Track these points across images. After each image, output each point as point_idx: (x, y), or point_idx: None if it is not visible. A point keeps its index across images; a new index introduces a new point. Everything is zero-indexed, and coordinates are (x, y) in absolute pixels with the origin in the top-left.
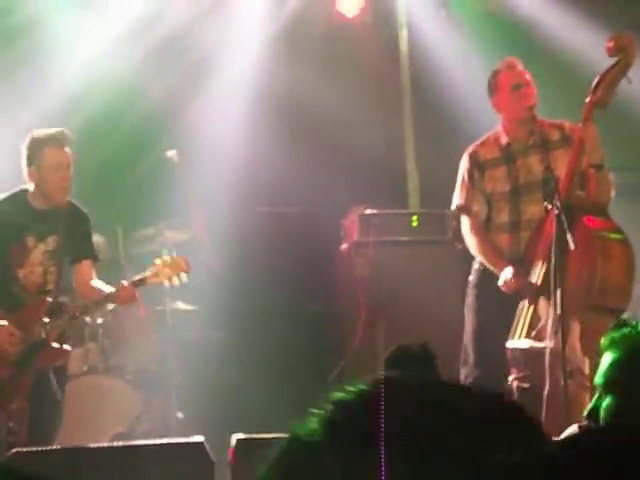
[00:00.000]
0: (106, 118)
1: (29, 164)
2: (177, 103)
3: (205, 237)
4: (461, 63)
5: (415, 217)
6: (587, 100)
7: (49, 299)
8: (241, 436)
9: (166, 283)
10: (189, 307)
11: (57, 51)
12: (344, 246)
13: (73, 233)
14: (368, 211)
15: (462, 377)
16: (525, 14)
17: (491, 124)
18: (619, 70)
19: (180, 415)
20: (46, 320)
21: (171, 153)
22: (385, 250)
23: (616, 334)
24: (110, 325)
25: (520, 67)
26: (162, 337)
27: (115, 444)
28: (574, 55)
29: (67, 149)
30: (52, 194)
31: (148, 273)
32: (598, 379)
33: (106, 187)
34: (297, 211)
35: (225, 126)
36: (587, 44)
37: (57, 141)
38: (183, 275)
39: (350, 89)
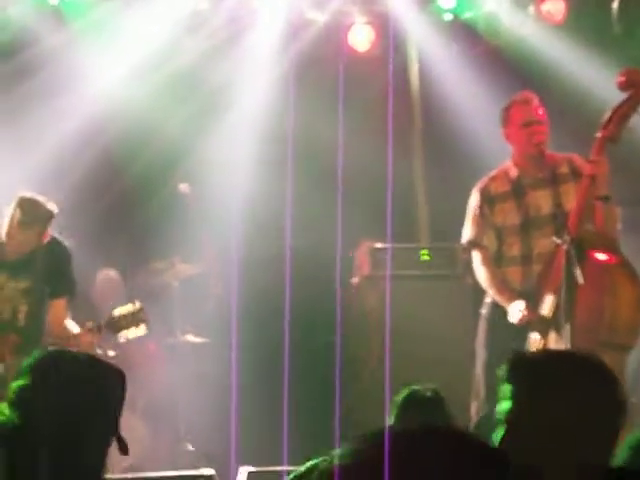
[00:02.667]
0: (120, 152)
1: (10, 213)
2: (190, 137)
3: (216, 270)
4: (472, 97)
5: (425, 251)
6: (598, 135)
7: (15, 336)
8: (251, 469)
9: (122, 334)
10: (199, 340)
11: (72, 85)
12: (355, 280)
13: (50, 270)
14: (379, 245)
15: (472, 412)
16: (535, 49)
17: (501, 157)
18: (630, 105)
19: (190, 447)
20: (10, 358)
21: (184, 186)
22: (396, 284)
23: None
24: (120, 358)
25: (535, 102)
26: (172, 370)
27: (125, 476)
28: (585, 89)
29: (36, 229)
30: (6, 251)
31: (104, 322)
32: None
33: (120, 219)
34: (307, 244)
35: (236, 160)
36: (598, 79)
37: (28, 221)
38: (142, 327)
39: (360, 123)
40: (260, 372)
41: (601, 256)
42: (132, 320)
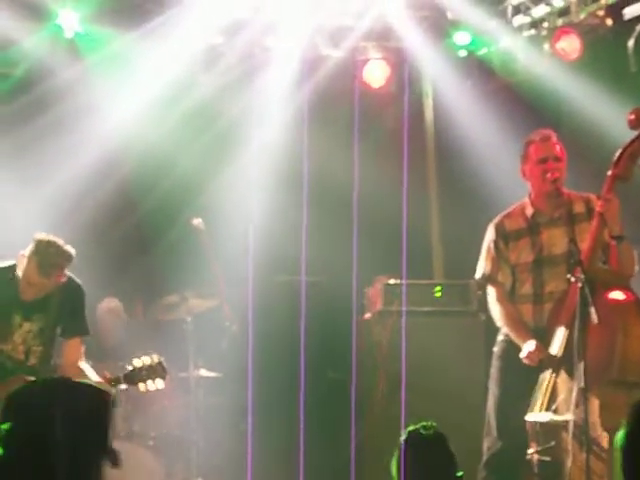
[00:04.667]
0: (135, 186)
1: (27, 257)
2: (205, 172)
3: (227, 305)
4: (486, 134)
5: (439, 287)
6: (609, 173)
7: (27, 377)
8: None
9: (141, 387)
10: (212, 374)
11: (87, 119)
12: (367, 315)
13: (64, 309)
14: (392, 281)
15: (484, 448)
16: (550, 86)
17: (516, 194)
18: None
19: None
20: None
21: (197, 221)
22: (409, 320)
23: None
24: (133, 391)
25: (554, 140)
26: (184, 403)
27: None
28: (600, 127)
29: (53, 278)
30: (22, 293)
31: (124, 373)
32: None
33: (134, 253)
34: (320, 280)
35: (250, 194)
36: (613, 116)
37: (46, 269)
38: (160, 381)
39: (375, 158)
40: (271, 407)
41: (613, 294)
42: (151, 373)
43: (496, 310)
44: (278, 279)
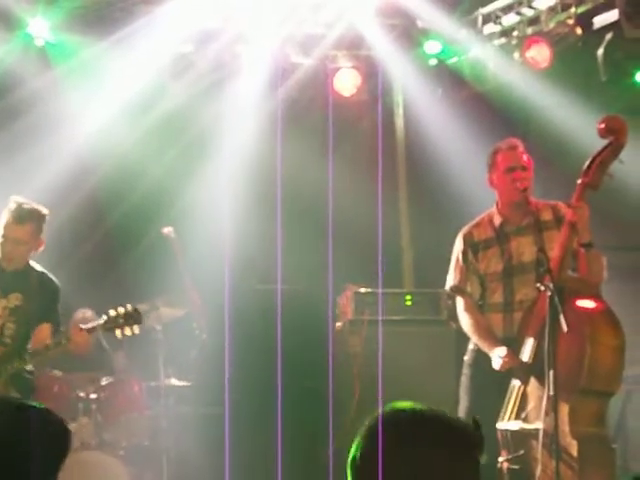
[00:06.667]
0: (105, 194)
1: (2, 216)
2: (176, 181)
3: (200, 314)
4: (457, 142)
5: (409, 296)
6: (579, 181)
7: (1, 348)
8: None
9: (118, 333)
10: (183, 383)
11: (57, 128)
12: (339, 324)
13: (38, 297)
14: (363, 290)
15: None
16: (520, 95)
17: (485, 202)
18: (610, 152)
19: None
20: None
21: (168, 230)
22: (379, 329)
23: None
24: (104, 400)
25: (520, 149)
26: (155, 412)
27: None
28: (569, 135)
29: (28, 226)
30: (3, 260)
31: (101, 321)
32: None
33: (104, 262)
34: (292, 289)
35: (221, 203)
36: (583, 125)
37: (17, 216)
38: (136, 327)
39: (346, 166)
40: (244, 417)
41: (582, 303)
42: (127, 319)
43: (465, 320)
44: (253, 287)
